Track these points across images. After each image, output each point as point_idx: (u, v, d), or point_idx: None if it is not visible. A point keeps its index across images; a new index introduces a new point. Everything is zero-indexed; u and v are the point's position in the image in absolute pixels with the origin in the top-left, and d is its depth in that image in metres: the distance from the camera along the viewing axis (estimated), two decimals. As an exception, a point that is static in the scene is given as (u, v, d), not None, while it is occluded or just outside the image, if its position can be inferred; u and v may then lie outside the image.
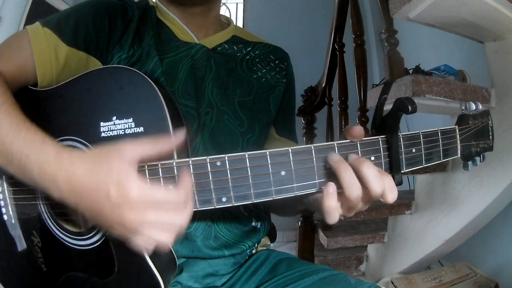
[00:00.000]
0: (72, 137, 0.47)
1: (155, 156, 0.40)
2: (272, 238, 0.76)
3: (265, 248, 0.72)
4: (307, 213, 1.73)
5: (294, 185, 0.42)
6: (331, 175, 0.42)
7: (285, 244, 2.62)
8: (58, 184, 0.39)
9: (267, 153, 0.41)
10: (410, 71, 1.34)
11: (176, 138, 0.41)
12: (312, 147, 0.42)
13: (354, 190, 0.40)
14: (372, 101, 1.40)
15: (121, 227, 0.38)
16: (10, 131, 0.42)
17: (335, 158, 0.42)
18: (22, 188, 0.52)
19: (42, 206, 0.52)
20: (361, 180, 0.41)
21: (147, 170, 0.42)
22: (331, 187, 0.41)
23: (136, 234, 0.38)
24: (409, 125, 2.39)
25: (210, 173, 0.41)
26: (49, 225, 0.52)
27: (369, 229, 1.68)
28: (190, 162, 0.41)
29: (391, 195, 0.41)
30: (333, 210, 0.41)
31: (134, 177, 0.37)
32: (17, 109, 0.45)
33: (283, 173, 0.41)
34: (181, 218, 0.38)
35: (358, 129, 0.42)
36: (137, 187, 0.36)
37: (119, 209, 0.36)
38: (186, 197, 0.39)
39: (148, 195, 0.37)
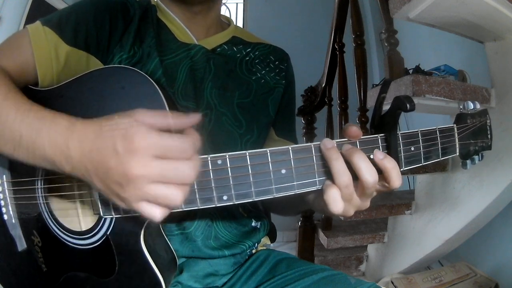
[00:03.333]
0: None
1: (163, 129, 0.37)
2: (272, 238, 0.76)
3: (265, 248, 0.72)
4: (307, 213, 1.73)
5: (295, 183, 0.42)
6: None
7: (285, 244, 2.62)
8: (70, 153, 0.37)
9: (268, 152, 0.41)
10: (410, 71, 1.34)
11: (189, 118, 0.39)
12: (312, 146, 0.42)
13: (343, 178, 0.41)
14: (372, 101, 1.40)
15: (127, 187, 0.35)
16: (18, 115, 0.41)
17: (328, 145, 0.42)
18: (22, 188, 0.52)
19: (42, 205, 0.52)
20: (354, 170, 0.41)
21: None
22: (328, 180, 0.42)
23: (144, 193, 0.35)
24: (409, 125, 2.39)
25: (211, 171, 0.41)
26: (50, 224, 0.52)
27: (369, 229, 1.68)
28: None
29: (397, 180, 0.41)
30: (335, 198, 0.41)
31: (141, 130, 0.35)
32: (23, 97, 0.45)
33: (283, 171, 0.42)
34: (188, 167, 0.36)
35: (355, 129, 0.42)
36: (143, 136, 0.34)
37: (124, 163, 0.34)
38: (193, 145, 0.37)
39: (153, 144, 0.35)
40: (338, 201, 0.41)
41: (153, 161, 0.34)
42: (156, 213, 0.36)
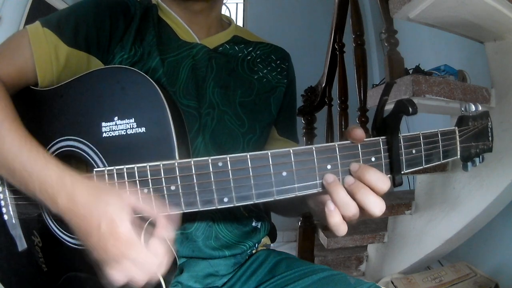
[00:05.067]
0: (74, 137, 0.47)
1: (148, 216, 0.42)
2: (273, 238, 0.76)
3: (265, 248, 0.72)
4: (307, 213, 1.73)
5: (296, 185, 0.42)
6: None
7: (285, 244, 2.62)
8: (57, 204, 0.42)
9: (269, 154, 0.41)
10: (410, 71, 1.34)
11: (172, 222, 0.43)
12: (313, 148, 0.42)
13: (350, 209, 0.41)
14: (372, 101, 1.39)
15: (102, 254, 0.41)
16: (12, 148, 0.43)
17: (329, 180, 0.42)
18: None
19: (42, 206, 0.52)
20: (359, 204, 0.41)
21: (148, 171, 0.42)
22: (331, 205, 0.42)
23: (114, 265, 0.40)
24: (409, 125, 2.39)
25: (212, 173, 0.41)
26: (50, 224, 0.52)
27: (369, 229, 1.68)
28: (192, 162, 0.41)
29: (375, 208, 0.41)
30: (338, 225, 0.42)
31: (126, 219, 0.40)
32: (18, 125, 0.46)
33: (284, 173, 0.41)
34: (157, 264, 0.41)
35: (359, 132, 0.42)
36: (127, 229, 0.40)
37: (105, 240, 0.40)
38: (162, 258, 0.41)
39: (130, 245, 0.40)
40: (343, 226, 0.42)
41: (131, 249, 0.40)
42: (117, 282, 0.41)
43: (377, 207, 0.41)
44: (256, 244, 0.69)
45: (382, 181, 0.41)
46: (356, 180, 0.42)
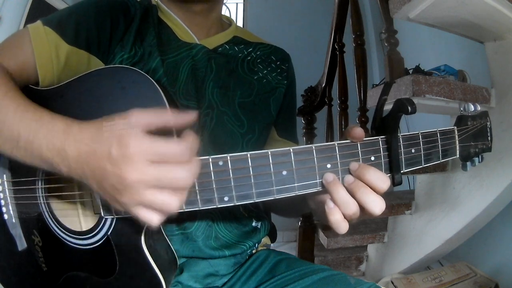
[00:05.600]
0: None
1: (161, 128, 0.37)
2: (273, 238, 0.76)
3: (265, 248, 0.72)
4: (307, 213, 1.73)
5: (296, 184, 0.42)
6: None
7: (285, 244, 2.62)
8: (66, 154, 0.38)
9: (269, 153, 0.41)
10: (410, 71, 1.34)
11: (187, 116, 0.39)
12: (313, 147, 0.42)
13: (350, 208, 0.41)
14: (372, 101, 1.40)
15: (124, 191, 0.35)
16: (17, 114, 0.42)
17: (329, 179, 0.42)
18: (22, 188, 0.52)
19: (43, 205, 0.52)
20: (359, 203, 0.41)
21: None
22: (331, 203, 0.42)
23: (140, 199, 0.35)
24: (409, 125, 2.39)
25: (212, 172, 0.41)
26: (50, 224, 0.52)
27: (369, 229, 1.68)
28: None
29: (376, 207, 0.41)
30: (339, 222, 0.42)
31: (136, 134, 0.35)
32: (23, 96, 0.45)
33: (284, 172, 0.42)
34: (184, 171, 0.35)
35: (359, 131, 0.42)
36: (138, 142, 0.34)
37: (119, 168, 0.34)
38: (190, 149, 0.36)
39: (148, 149, 0.34)
40: (343, 224, 0.42)
41: (149, 167, 0.34)
42: (152, 218, 0.36)
43: (377, 206, 0.41)
44: (256, 244, 0.69)
45: (382, 180, 0.41)
46: (356, 179, 0.42)
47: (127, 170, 0.34)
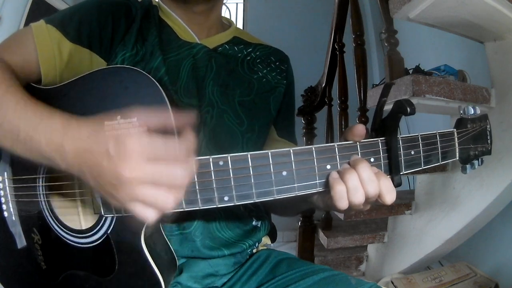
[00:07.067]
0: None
1: (159, 128, 0.38)
2: (273, 238, 0.76)
3: (265, 248, 0.72)
4: (307, 213, 1.73)
5: (295, 185, 0.42)
6: None
7: (285, 244, 2.62)
8: (64, 151, 0.38)
9: (269, 154, 0.42)
10: (410, 71, 1.34)
11: (186, 116, 0.40)
12: (313, 148, 0.43)
13: (356, 196, 0.42)
14: (372, 101, 1.40)
15: (120, 188, 0.36)
16: (17, 109, 0.43)
17: (334, 175, 0.43)
18: (23, 185, 0.53)
19: (43, 203, 0.52)
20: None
21: None
22: (335, 173, 0.42)
23: (135, 195, 0.36)
24: (409, 125, 2.39)
25: (212, 172, 0.41)
26: (50, 222, 0.52)
27: (369, 229, 1.68)
28: (193, 161, 0.41)
29: (389, 196, 0.42)
30: (343, 192, 0.42)
31: (134, 133, 0.36)
32: (24, 91, 0.46)
33: (284, 173, 0.42)
34: (181, 172, 0.36)
35: (360, 128, 0.43)
36: (135, 140, 0.35)
37: (116, 165, 0.35)
38: (187, 149, 0.37)
39: (145, 147, 0.35)
40: (345, 198, 0.42)
41: (145, 164, 0.35)
42: (147, 215, 0.37)
43: (371, 184, 0.41)
44: (257, 244, 0.69)
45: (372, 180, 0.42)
46: (357, 157, 0.43)
47: (123, 167, 0.35)
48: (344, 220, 1.57)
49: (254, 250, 0.69)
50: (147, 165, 0.35)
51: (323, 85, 1.81)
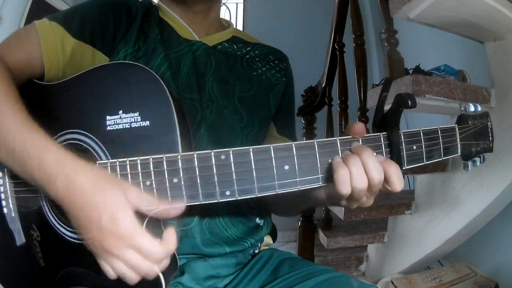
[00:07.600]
0: (77, 130, 0.48)
1: (152, 212, 0.42)
2: (273, 238, 0.75)
3: (268, 248, 0.72)
4: (307, 213, 1.73)
5: (297, 179, 0.42)
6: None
7: (285, 244, 2.61)
8: (56, 186, 0.40)
9: (271, 148, 0.41)
10: (410, 71, 1.35)
11: (177, 209, 0.42)
12: (315, 142, 0.43)
13: (359, 181, 0.41)
14: (372, 101, 1.40)
15: (99, 247, 0.40)
16: (13, 127, 0.43)
17: (337, 159, 0.43)
18: (23, 181, 0.52)
19: (43, 199, 0.52)
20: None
21: (151, 163, 0.42)
22: (338, 157, 0.42)
23: (108, 259, 0.40)
24: (409, 126, 2.39)
25: (214, 166, 0.41)
26: (50, 219, 0.51)
27: (369, 229, 1.68)
28: (195, 155, 0.42)
29: (399, 183, 0.42)
30: (345, 175, 0.41)
31: (129, 216, 0.39)
32: (20, 107, 0.46)
33: (286, 167, 0.42)
34: (152, 269, 0.41)
35: (360, 126, 0.43)
36: (128, 225, 0.39)
37: (104, 234, 0.39)
38: (167, 253, 0.41)
39: (133, 238, 0.39)
40: (347, 183, 0.41)
41: (126, 250, 0.39)
42: (109, 273, 0.41)
43: (376, 170, 0.41)
44: (258, 243, 0.68)
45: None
46: (361, 144, 0.43)
47: (110, 240, 0.39)
48: (344, 220, 1.57)
49: (256, 251, 0.69)
50: (128, 252, 0.39)
51: (323, 85, 1.82)
